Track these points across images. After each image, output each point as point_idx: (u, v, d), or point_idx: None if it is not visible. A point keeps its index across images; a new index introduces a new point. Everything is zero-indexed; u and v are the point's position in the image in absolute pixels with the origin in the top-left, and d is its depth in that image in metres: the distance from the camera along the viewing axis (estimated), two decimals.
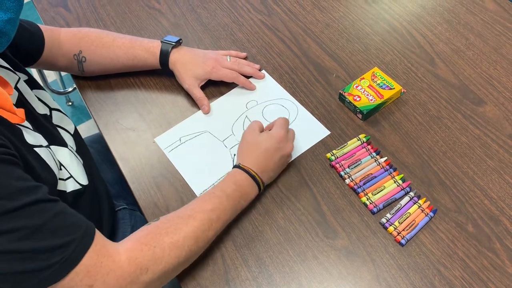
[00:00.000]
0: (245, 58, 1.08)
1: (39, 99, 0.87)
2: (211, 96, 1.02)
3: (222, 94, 1.02)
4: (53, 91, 1.84)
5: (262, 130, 0.88)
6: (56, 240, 0.62)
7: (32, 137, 0.73)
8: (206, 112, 0.99)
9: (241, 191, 0.80)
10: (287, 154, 0.85)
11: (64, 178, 0.80)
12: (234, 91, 1.02)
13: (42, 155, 0.73)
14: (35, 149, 0.72)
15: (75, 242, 0.63)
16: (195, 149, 0.94)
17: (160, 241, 0.70)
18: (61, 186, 0.78)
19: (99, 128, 1.01)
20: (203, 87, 1.01)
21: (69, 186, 0.81)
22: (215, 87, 1.03)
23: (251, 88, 1.02)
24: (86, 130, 1.99)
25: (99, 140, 1.19)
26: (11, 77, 0.80)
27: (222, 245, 0.82)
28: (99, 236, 0.67)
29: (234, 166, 0.84)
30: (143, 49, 1.00)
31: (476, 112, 0.95)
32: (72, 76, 1.09)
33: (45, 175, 0.72)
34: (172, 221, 0.73)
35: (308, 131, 0.95)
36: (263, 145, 0.84)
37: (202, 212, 0.75)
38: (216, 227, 0.76)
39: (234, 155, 0.92)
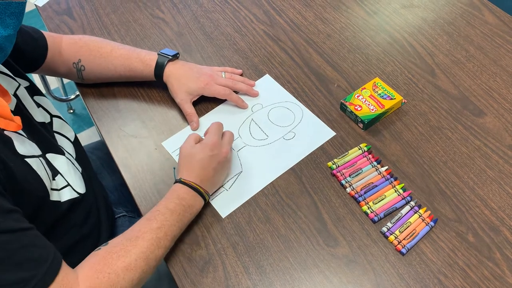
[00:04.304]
0: (241, 75, 1.07)
1: (40, 106, 0.87)
2: (204, 112, 1.02)
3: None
4: (55, 98, 1.85)
5: (198, 141, 0.88)
6: (18, 274, 0.61)
7: (24, 147, 0.73)
8: (194, 129, 0.98)
9: (184, 204, 0.80)
10: (223, 158, 0.86)
11: (59, 187, 0.80)
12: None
13: (33, 165, 0.73)
14: (26, 159, 0.72)
15: (37, 277, 0.63)
16: None
17: (113, 266, 0.71)
18: (54, 196, 0.78)
19: (101, 135, 1.01)
20: (196, 102, 1.01)
21: (65, 195, 0.81)
22: (209, 103, 1.03)
23: (243, 107, 1.01)
24: (87, 138, 2.00)
25: (101, 147, 1.20)
26: (10, 84, 0.81)
27: (223, 253, 0.82)
28: (62, 269, 0.67)
29: (175, 182, 0.84)
30: (139, 61, 1.00)
31: (476, 123, 0.96)
32: (76, 83, 1.09)
33: (33, 187, 0.72)
34: (122, 244, 0.74)
35: (314, 133, 0.96)
36: (198, 155, 0.84)
37: (149, 231, 0.76)
38: (165, 244, 0.77)
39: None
